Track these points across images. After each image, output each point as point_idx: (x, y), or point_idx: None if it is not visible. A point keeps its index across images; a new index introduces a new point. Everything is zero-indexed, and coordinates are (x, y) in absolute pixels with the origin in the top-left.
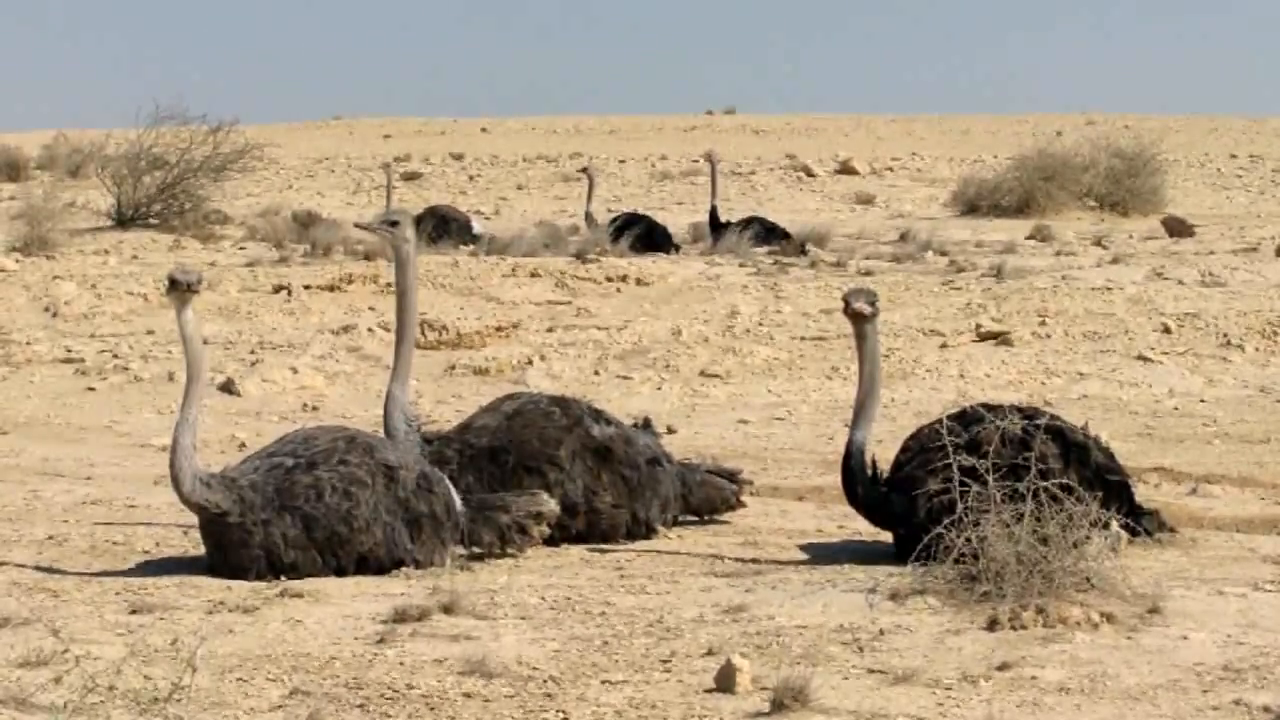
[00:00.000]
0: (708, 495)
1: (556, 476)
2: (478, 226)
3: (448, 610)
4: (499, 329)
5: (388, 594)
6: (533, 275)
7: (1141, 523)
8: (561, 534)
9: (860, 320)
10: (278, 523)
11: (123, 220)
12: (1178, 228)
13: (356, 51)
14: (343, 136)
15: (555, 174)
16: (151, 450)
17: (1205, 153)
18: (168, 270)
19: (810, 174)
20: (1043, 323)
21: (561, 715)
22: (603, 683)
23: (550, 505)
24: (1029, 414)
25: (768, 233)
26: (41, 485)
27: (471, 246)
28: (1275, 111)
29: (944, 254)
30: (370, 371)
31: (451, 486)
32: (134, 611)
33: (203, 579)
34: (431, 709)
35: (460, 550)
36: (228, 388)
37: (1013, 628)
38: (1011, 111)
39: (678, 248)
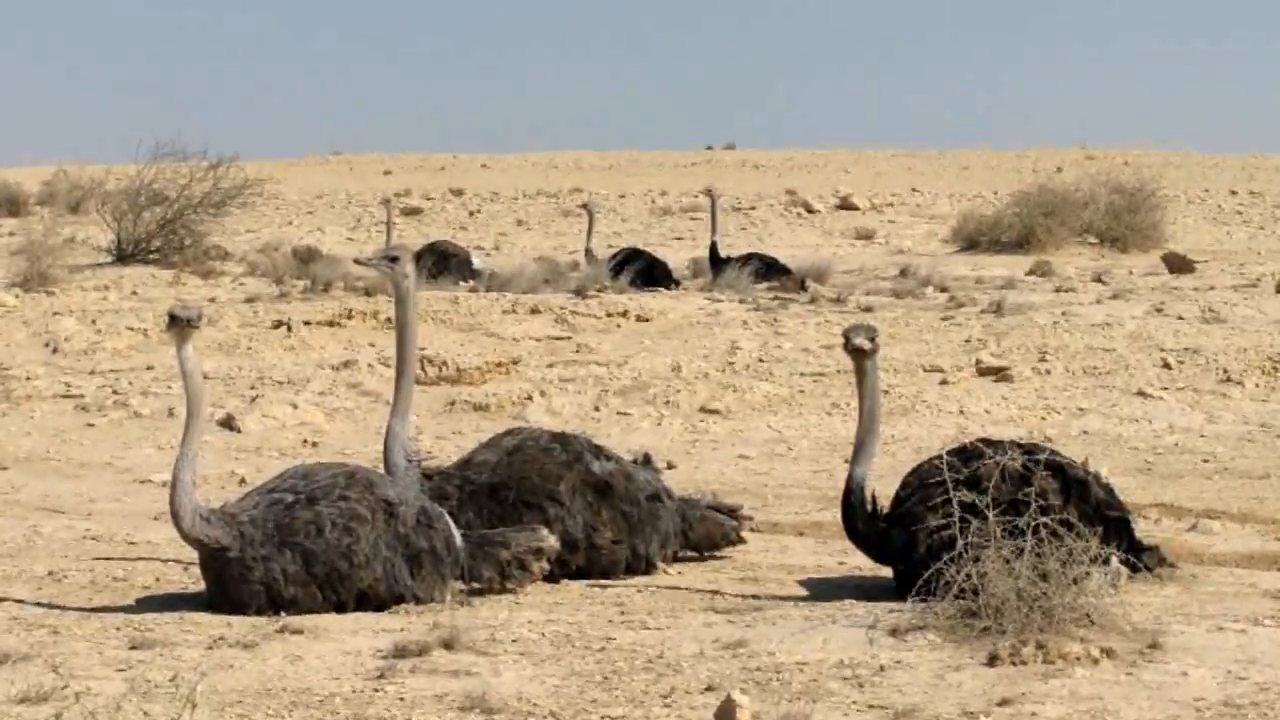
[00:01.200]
0: (708, 531)
1: (556, 512)
2: (478, 262)
3: (448, 646)
4: (499, 365)
5: (388, 630)
6: (533, 311)
7: (1142, 558)
8: (561, 570)
9: (860, 356)
10: (278, 558)
11: (123, 256)
12: (1178, 264)
13: (356, 87)
14: (343, 172)
15: (555, 209)
16: (152, 486)
17: (1205, 188)
18: (168, 306)
19: (810, 209)
20: (1043, 358)
21: None
22: (603, 718)
23: (550, 541)
24: (1029, 449)
25: (768, 268)
26: (42, 521)
27: (472, 282)
28: (1275, 148)
29: (944, 290)
30: (370, 407)
31: (451, 522)
32: (134, 647)
33: (203, 615)
34: None
35: (460, 586)
36: (228, 423)
37: (1013, 663)
38: (1011, 147)
39: (678, 283)
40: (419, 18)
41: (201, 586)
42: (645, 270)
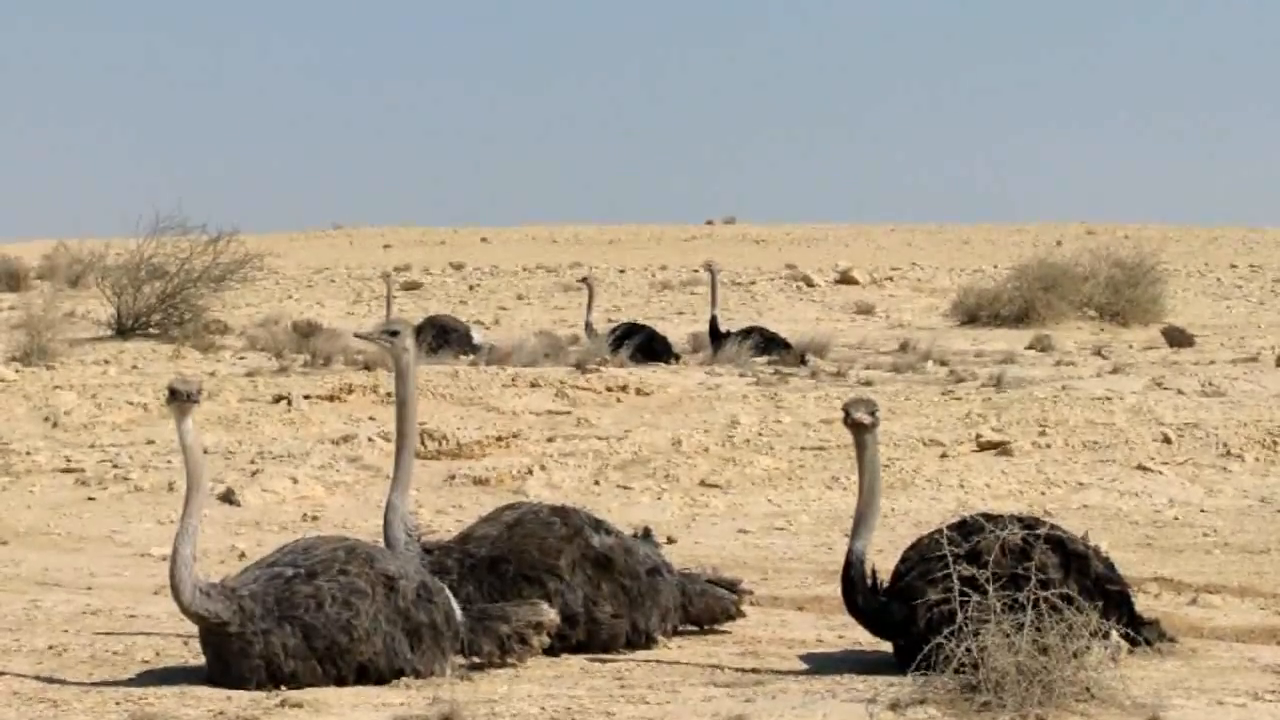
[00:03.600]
0: (708, 605)
1: (556, 586)
2: (478, 336)
3: None
4: (499, 439)
5: (388, 704)
6: (533, 385)
7: (1141, 632)
8: (561, 644)
9: (860, 430)
10: (278, 632)
11: (123, 330)
12: (1178, 338)
13: (356, 161)
14: (342, 246)
15: (555, 284)
16: (151, 560)
17: (1205, 262)
18: (168, 380)
19: (810, 284)
20: (1043, 433)
21: None
22: None
23: (550, 615)
24: (1029, 524)
25: (768, 343)
26: (41, 595)
27: (472, 356)
28: (1274, 222)
29: (944, 364)
30: (370, 481)
31: (451, 596)
32: None
33: (203, 689)
34: None
35: (460, 660)
36: (228, 498)
37: None
38: (1011, 221)
39: (678, 357)
40: (419, 93)
41: (202, 660)
42: (645, 344)
